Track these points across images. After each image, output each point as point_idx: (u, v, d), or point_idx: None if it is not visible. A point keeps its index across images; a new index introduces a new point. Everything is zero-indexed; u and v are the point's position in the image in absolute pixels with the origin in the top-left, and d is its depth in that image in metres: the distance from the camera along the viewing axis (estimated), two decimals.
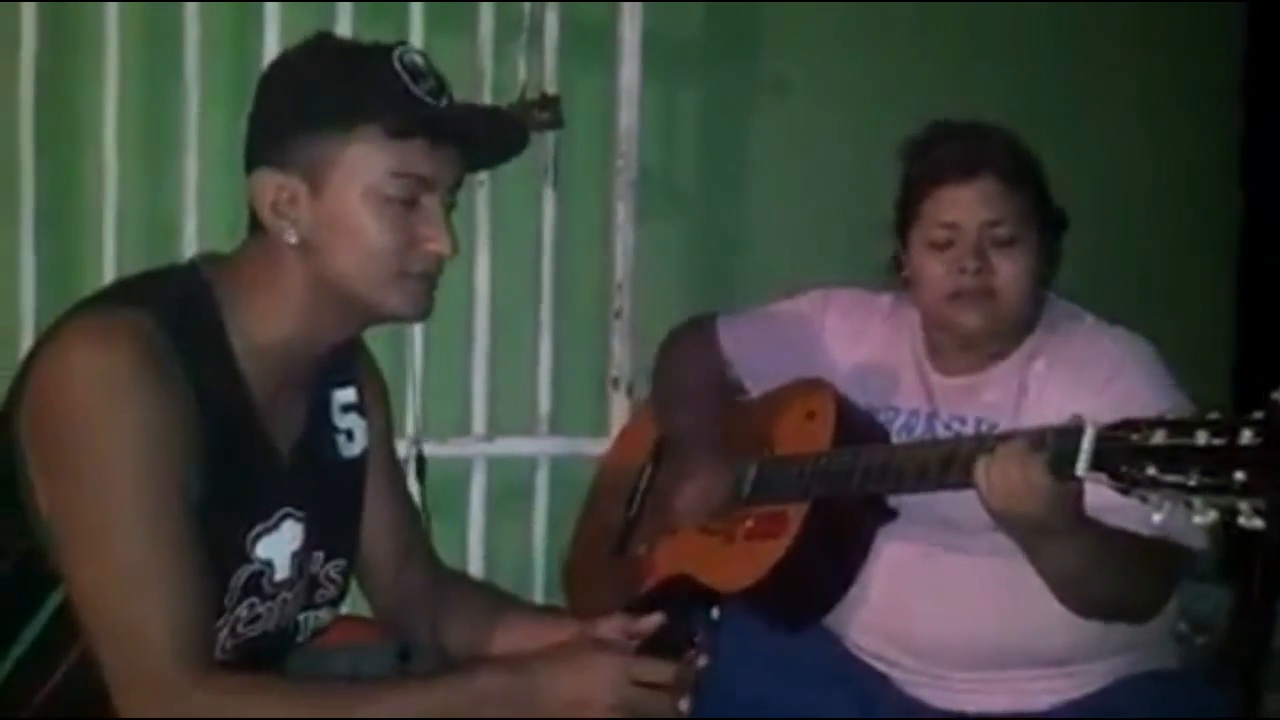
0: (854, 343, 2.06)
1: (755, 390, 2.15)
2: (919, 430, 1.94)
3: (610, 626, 1.58)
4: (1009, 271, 1.87)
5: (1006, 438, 1.66)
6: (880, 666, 1.93)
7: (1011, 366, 1.91)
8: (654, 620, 1.55)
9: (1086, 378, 1.82)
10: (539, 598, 2.59)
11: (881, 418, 1.98)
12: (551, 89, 2.55)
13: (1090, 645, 1.83)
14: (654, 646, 1.52)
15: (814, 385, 2.03)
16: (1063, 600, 1.75)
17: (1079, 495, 1.61)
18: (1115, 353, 1.87)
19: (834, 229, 2.90)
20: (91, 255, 2.32)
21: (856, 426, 1.96)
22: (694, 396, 2.14)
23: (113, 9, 2.29)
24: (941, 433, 1.91)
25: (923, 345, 2.00)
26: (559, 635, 1.60)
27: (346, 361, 1.62)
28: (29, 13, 2.25)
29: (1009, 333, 1.91)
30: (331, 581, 1.59)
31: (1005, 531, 1.68)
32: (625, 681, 1.45)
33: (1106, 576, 1.72)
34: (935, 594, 1.87)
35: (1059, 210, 1.94)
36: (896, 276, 1.99)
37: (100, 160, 2.31)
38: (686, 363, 2.20)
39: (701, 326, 2.21)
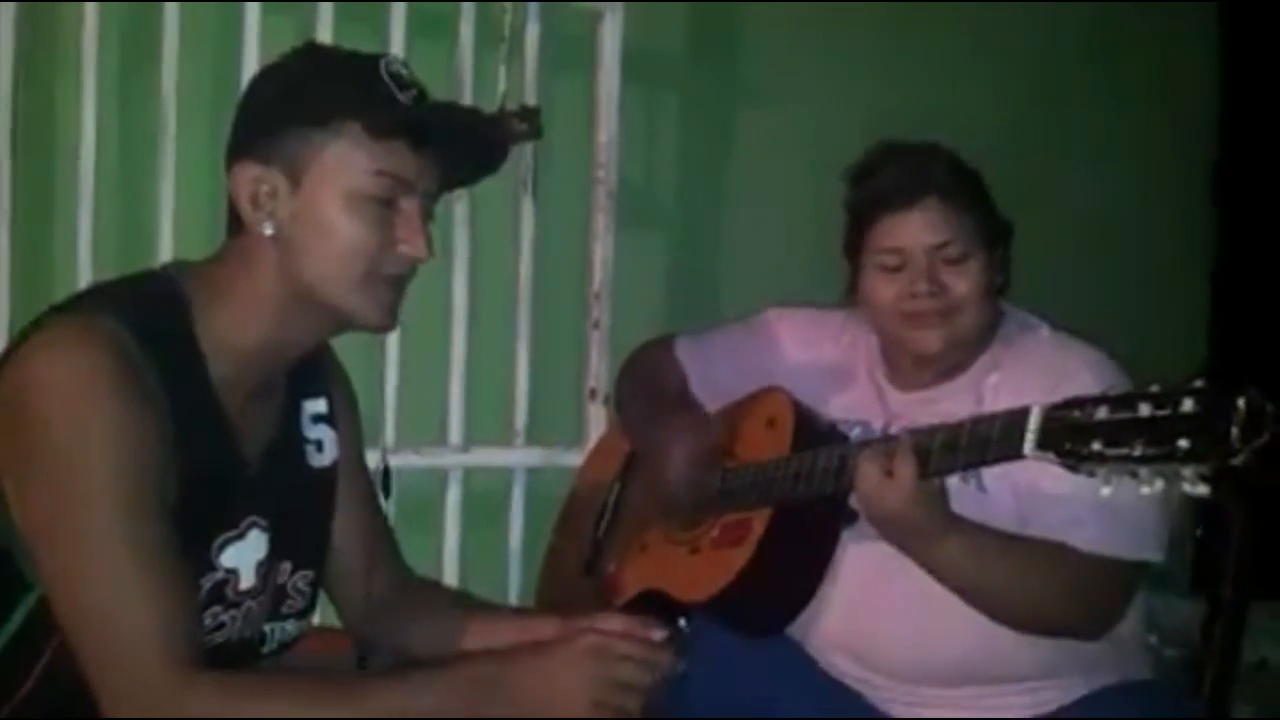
0: (809, 359, 2.07)
1: (709, 403, 2.15)
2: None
3: (604, 628, 1.55)
4: (962, 289, 1.87)
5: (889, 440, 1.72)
6: (846, 680, 1.93)
7: (967, 380, 1.92)
8: (655, 630, 1.53)
9: (1038, 387, 1.81)
10: None
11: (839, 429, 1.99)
12: (531, 99, 2.56)
13: (1059, 661, 1.83)
14: None
15: (771, 393, 2.04)
16: (986, 614, 1.77)
17: (943, 501, 1.68)
18: (1068, 361, 1.88)
19: (812, 240, 2.90)
20: (66, 258, 2.31)
21: (815, 431, 1.97)
22: (661, 401, 2.14)
23: (92, 9, 2.28)
24: None
25: (878, 360, 2.01)
26: (534, 636, 1.59)
27: (317, 372, 1.62)
28: (7, 13, 2.24)
29: (966, 348, 1.92)
30: (299, 593, 1.58)
31: (882, 535, 1.73)
32: (604, 679, 1.44)
33: (1014, 588, 1.75)
34: (898, 611, 1.86)
35: (1004, 220, 1.95)
36: (851, 299, 1.99)
37: (76, 162, 2.30)
38: (648, 379, 2.21)
39: (660, 346, 2.24)
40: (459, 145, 1.51)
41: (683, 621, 1.57)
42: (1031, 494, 1.77)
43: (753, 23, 2.98)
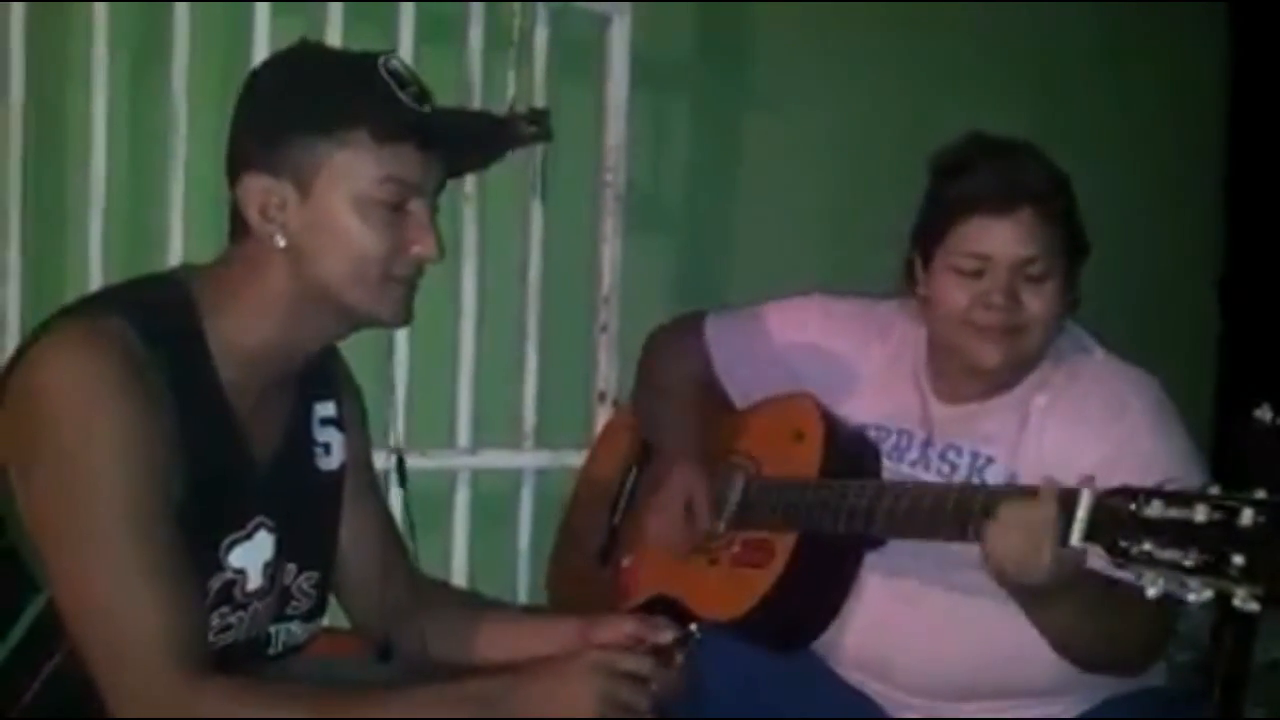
0: (850, 357, 1.99)
1: (734, 394, 2.11)
2: (911, 454, 1.90)
3: (615, 631, 1.58)
4: (1038, 308, 1.80)
5: (1000, 496, 1.63)
6: (866, 692, 1.92)
7: (1014, 399, 1.86)
8: (666, 633, 1.55)
9: (1088, 419, 1.78)
10: None
11: (872, 435, 1.94)
12: (540, 102, 2.56)
13: (1072, 673, 1.79)
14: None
15: (803, 403, 1.98)
16: (1060, 652, 1.72)
17: (1082, 552, 1.58)
18: (1120, 394, 1.81)
19: (821, 244, 2.92)
20: (78, 259, 2.31)
21: (846, 451, 1.92)
22: (678, 404, 2.09)
23: (102, 10, 2.28)
24: (934, 460, 1.88)
25: (924, 366, 1.94)
26: (550, 637, 1.62)
27: (327, 375, 1.63)
28: (17, 13, 2.24)
29: (1022, 367, 1.85)
30: (305, 594, 1.58)
31: (1006, 590, 1.64)
32: (609, 697, 1.44)
33: (1103, 629, 1.69)
34: (916, 629, 1.85)
35: (1085, 239, 1.87)
36: (908, 286, 1.91)
37: (87, 162, 2.30)
38: (671, 363, 2.15)
39: (688, 325, 2.16)
40: (464, 144, 1.52)
41: (694, 626, 1.57)
42: None
43: (761, 26, 2.98)
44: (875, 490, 1.82)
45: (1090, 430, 1.74)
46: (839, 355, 2.00)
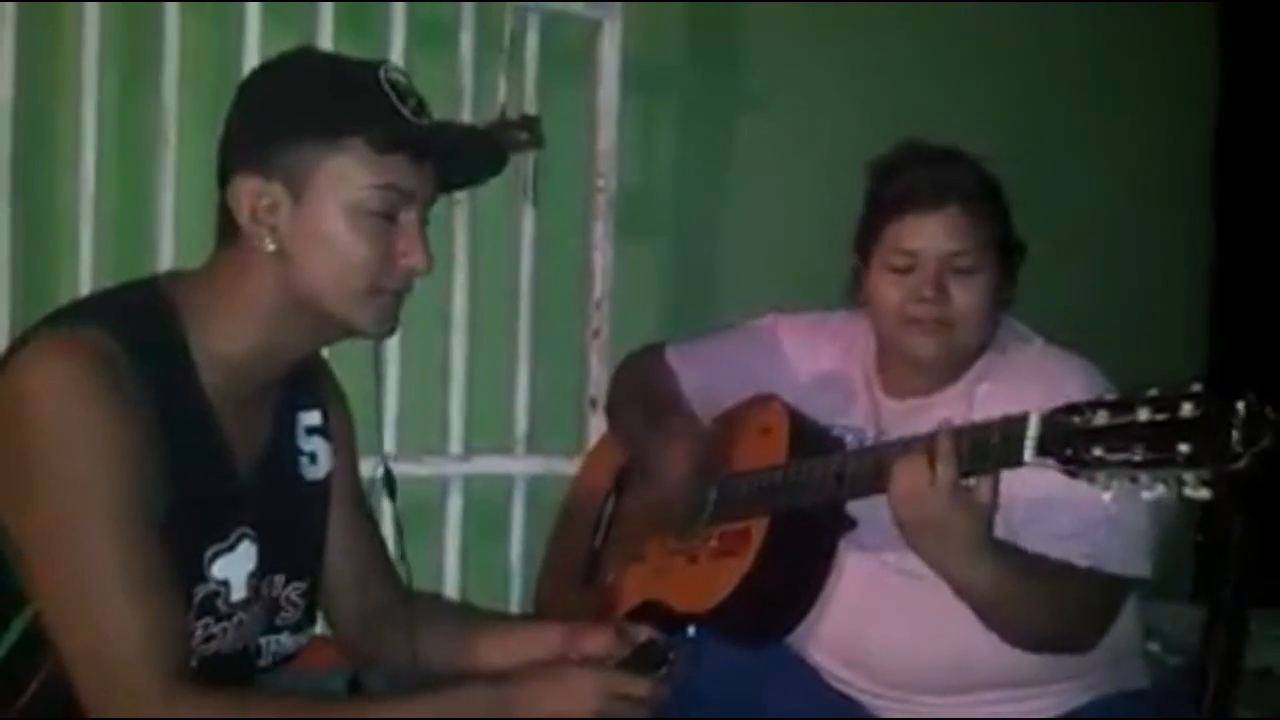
0: (806, 364, 2.07)
1: (706, 415, 2.14)
2: None
3: (598, 640, 1.59)
4: (966, 301, 1.87)
5: (927, 441, 1.68)
6: (845, 689, 1.93)
7: (959, 390, 1.92)
8: (642, 632, 1.57)
9: (1031, 397, 1.79)
10: None
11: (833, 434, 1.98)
12: (531, 107, 2.56)
13: (1055, 666, 1.82)
14: (630, 662, 1.53)
15: (766, 401, 2.04)
16: (990, 627, 1.75)
17: (989, 513, 1.64)
18: (1059, 373, 1.88)
19: (811, 248, 2.90)
20: (68, 265, 2.31)
21: (810, 438, 1.97)
22: (652, 407, 2.13)
23: (92, 11, 2.28)
24: None
25: (874, 366, 2.01)
26: (538, 644, 1.62)
27: (312, 384, 1.62)
28: (8, 13, 2.23)
29: (960, 359, 1.92)
30: (293, 605, 1.57)
31: (915, 550, 1.70)
32: (605, 695, 1.45)
33: (1031, 606, 1.72)
34: (895, 618, 1.86)
35: (1018, 239, 1.95)
36: (855, 292, 1.99)
37: (78, 169, 2.30)
38: (641, 386, 2.20)
39: (650, 354, 2.23)
40: (461, 161, 1.52)
41: (691, 629, 1.57)
42: (1026, 505, 1.75)
43: (752, 30, 2.98)
44: (841, 458, 1.87)
45: (1034, 407, 1.76)
46: (792, 365, 2.07)
